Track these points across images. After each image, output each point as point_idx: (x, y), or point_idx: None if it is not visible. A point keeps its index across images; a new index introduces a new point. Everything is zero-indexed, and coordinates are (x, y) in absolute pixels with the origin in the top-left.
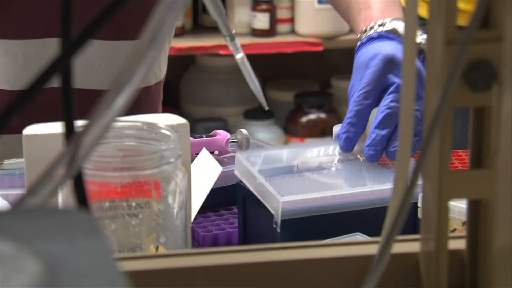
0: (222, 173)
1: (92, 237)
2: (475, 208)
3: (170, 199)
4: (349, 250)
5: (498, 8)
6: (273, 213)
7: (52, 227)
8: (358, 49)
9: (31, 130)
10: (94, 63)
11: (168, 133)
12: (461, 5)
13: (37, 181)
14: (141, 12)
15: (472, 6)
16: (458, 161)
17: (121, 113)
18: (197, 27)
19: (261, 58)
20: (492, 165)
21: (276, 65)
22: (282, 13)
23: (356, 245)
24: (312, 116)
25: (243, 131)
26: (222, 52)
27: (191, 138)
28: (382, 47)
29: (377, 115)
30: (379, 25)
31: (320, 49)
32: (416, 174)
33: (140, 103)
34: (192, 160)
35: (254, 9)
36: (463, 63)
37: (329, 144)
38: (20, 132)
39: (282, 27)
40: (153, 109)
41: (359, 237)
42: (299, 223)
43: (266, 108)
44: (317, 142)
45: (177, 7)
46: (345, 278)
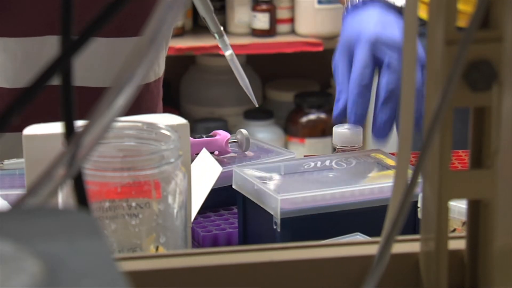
0: (222, 173)
1: (92, 237)
2: (475, 208)
3: (170, 199)
4: (349, 250)
5: (498, 8)
6: (272, 213)
7: (52, 227)
8: (344, 17)
9: (31, 130)
10: (94, 61)
11: (168, 133)
12: (460, 6)
13: (37, 181)
14: (142, 9)
15: (471, 8)
16: (458, 161)
17: (121, 113)
18: (197, 27)
19: (261, 58)
20: (492, 165)
21: (276, 65)
22: (282, 13)
23: (356, 245)
24: (312, 116)
25: (243, 131)
26: (222, 52)
27: (191, 138)
28: (365, 22)
29: (378, 98)
30: None
31: (320, 49)
32: (416, 174)
33: (140, 100)
34: (192, 160)
35: (254, 9)
36: (463, 63)
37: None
38: (20, 131)
39: (282, 27)
40: (153, 106)
41: (359, 237)
42: (299, 223)
43: (256, 105)
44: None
45: (177, 7)
46: (345, 278)
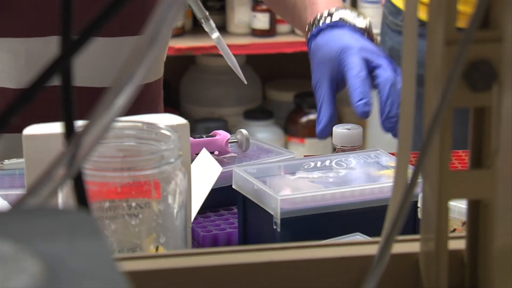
0: (222, 173)
1: (92, 237)
2: (475, 208)
3: (170, 199)
4: (349, 250)
5: (498, 8)
6: (272, 213)
7: (52, 227)
8: (310, 40)
9: (31, 130)
10: (97, 60)
11: (168, 133)
12: (460, 7)
13: (37, 181)
14: (144, 8)
15: (471, 8)
16: (458, 161)
17: (121, 113)
18: (197, 27)
19: (261, 58)
20: (492, 165)
21: (276, 65)
22: None
23: (356, 245)
24: (312, 116)
25: (243, 131)
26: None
27: (191, 138)
28: (342, 39)
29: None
30: (327, 16)
31: None
32: (416, 174)
33: (141, 100)
34: (192, 160)
35: (254, 9)
36: (463, 63)
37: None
38: (20, 131)
39: (282, 27)
40: (154, 106)
41: (359, 237)
42: (299, 223)
43: (245, 82)
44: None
45: (177, 7)
46: (345, 278)
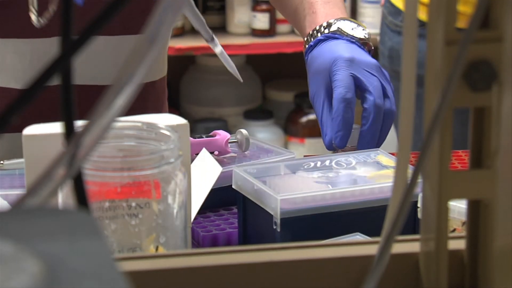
0: (222, 173)
1: (92, 237)
2: (475, 208)
3: (170, 199)
4: (349, 250)
5: (498, 8)
6: (272, 213)
7: (52, 227)
8: (307, 52)
9: (31, 130)
10: (97, 59)
11: (168, 133)
12: (460, 7)
13: (37, 181)
14: (147, 7)
15: (471, 9)
16: (458, 161)
17: (121, 113)
18: None
19: (261, 58)
20: (492, 165)
21: (276, 65)
22: None
23: (356, 245)
24: (312, 116)
25: (243, 131)
26: None
27: (191, 138)
28: (336, 50)
29: (366, 115)
30: (325, 27)
31: None
32: (416, 174)
33: (146, 98)
34: (192, 160)
35: (254, 9)
36: (463, 63)
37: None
38: (20, 131)
39: (282, 27)
40: (159, 104)
41: (359, 237)
42: (298, 223)
43: (241, 80)
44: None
45: (177, 7)
46: (345, 278)
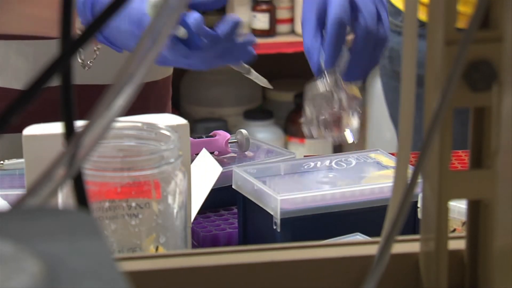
0: (222, 173)
1: (92, 237)
2: (475, 208)
3: (170, 200)
4: (349, 250)
5: (498, 8)
6: (272, 213)
7: (52, 227)
8: None
9: (30, 130)
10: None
11: (168, 133)
12: (460, 7)
13: (37, 181)
14: None
15: (471, 9)
16: (458, 162)
17: (121, 114)
18: None
19: (261, 58)
20: (492, 165)
21: (276, 65)
22: (282, 13)
23: (356, 245)
24: None
25: (243, 131)
26: None
27: (191, 139)
28: None
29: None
30: None
31: None
32: (416, 174)
33: (148, 98)
34: (192, 161)
35: (254, 9)
36: (463, 63)
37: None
38: (20, 131)
39: (282, 27)
40: (162, 105)
41: (359, 237)
42: (299, 223)
43: (271, 88)
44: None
45: (177, 7)
46: (345, 278)
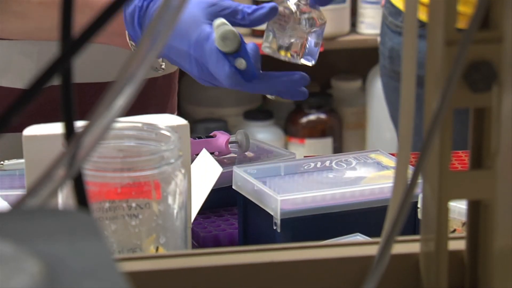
0: (222, 173)
1: (92, 237)
2: (475, 209)
3: (170, 200)
4: (349, 251)
5: (498, 8)
6: (272, 214)
7: (52, 227)
8: None
9: (31, 131)
10: (97, 56)
11: (168, 133)
12: (460, 8)
13: (37, 181)
14: None
15: (471, 9)
16: (458, 162)
17: (121, 114)
18: None
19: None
20: (492, 165)
21: (276, 65)
22: None
23: (356, 245)
24: (312, 117)
25: (243, 131)
26: None
27: (191, 139)
28: None
29: None
30: None
31: (320, 49)
32: (416, 175)
33: (148, 96)
34: (192, 161)
35: None
36: (463, 64)
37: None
38: (20, 131)
39: None
40: (163, 102)
41: (359, 237)
42: (299, 223)
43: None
44: (317, 142)
45: (177, 6)
46: (345, 278)
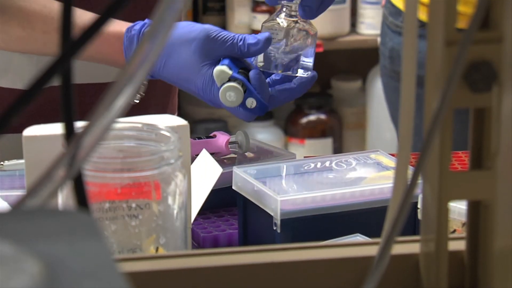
0: (222, 174)
1: (92, 238)
2: (475, 209)
3: (170, 200)
4: (349, 251)
5: (498, 8)
6: (272, 214)
7: (52, 228)
8: None
9: (31, 131)
10: None
11: (168, 134)
12: (460, 7)
13: (37, 182)
14: (145, 5)
15: (471, 9)
16: (458, 162)
17: (121, 114)
18: None
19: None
20: (492, 166)
21: None
22: None
23: (356, 246)
24: (312, 117)
25: (243, 132)
26: None
27: (191, 139)
28: None
29: None
30: None
31: (320, 50)
32: (416, 175)
33: (149, 96)
34: (192, 161)
35: (254, 10)
36: (463, 64)
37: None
38: (20, 132)
39: None
40: (163, 102)
41: (359, 238)
42: (299, 224)
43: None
44: (317, 143)
45: (177, 6)
46: (345, 279)
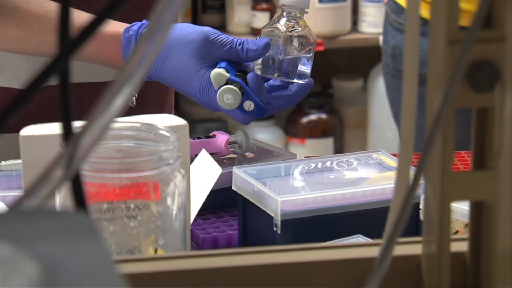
0: (221, 174)
1: (90, 239)
2: (477, 210)
3: (169, 201)
4: (351, 252)
5: (500, 7)
6: (272, 215)
7: (50, 229)
8: None
9: (28, 131)
10: None
11: (167, 134)
12: (463, 5)
13: (35, 182)
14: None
15: (474, 6)
16: (461, 163)
17: (119, 114)
18: None
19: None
20: (495, 166)
21: None
22: None
23: (357, 247)
24: (313, 117)
25: (243, 132)
26: None
27: (190, 139)
28: None
29: None
30: None
31: (321, 49)
32: (418, 176)
33: (146, 95)
34: (192, 161)
35: (254, 8)
36: (465, 63)
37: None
38: (18, 132)
39: None
40: (160, 102)
41: (360, 239)
42: (299, 225)
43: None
44: (317, 143)
45: (176, 6)
46: (347, 280)
